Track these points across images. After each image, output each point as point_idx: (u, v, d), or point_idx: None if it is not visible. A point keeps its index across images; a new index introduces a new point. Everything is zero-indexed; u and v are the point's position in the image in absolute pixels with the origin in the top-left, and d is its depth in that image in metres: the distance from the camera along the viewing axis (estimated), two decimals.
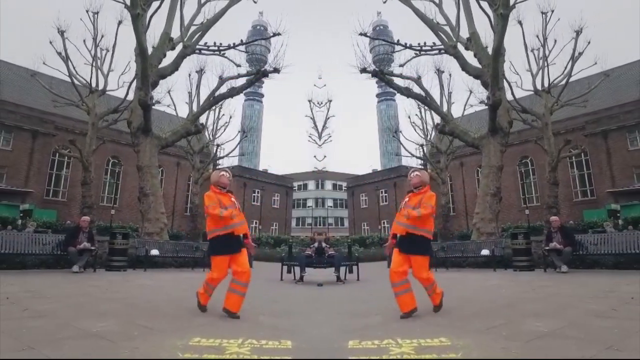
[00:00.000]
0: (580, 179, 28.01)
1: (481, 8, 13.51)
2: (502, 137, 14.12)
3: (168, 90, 20.16)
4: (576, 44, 15.85)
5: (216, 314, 3.63)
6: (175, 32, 15.25)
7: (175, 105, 21.55)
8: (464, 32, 15.15)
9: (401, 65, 17.12)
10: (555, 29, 16.24)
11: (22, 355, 2.22)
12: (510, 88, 15.99)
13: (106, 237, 10.78)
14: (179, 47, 15.26)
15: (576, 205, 26.90)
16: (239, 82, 16.98)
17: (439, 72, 19.67)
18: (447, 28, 15.65)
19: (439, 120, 18.65)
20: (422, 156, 28.06)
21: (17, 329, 2.84)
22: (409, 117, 26.50)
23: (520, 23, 15.72)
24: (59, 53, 15.37)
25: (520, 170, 30.09)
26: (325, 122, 19.67)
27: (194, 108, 18.88)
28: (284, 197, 44.17)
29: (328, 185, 55.22)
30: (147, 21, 13.11)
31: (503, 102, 13.61)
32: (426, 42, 15.87)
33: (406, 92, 16.60)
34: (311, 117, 19.52)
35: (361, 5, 25.46)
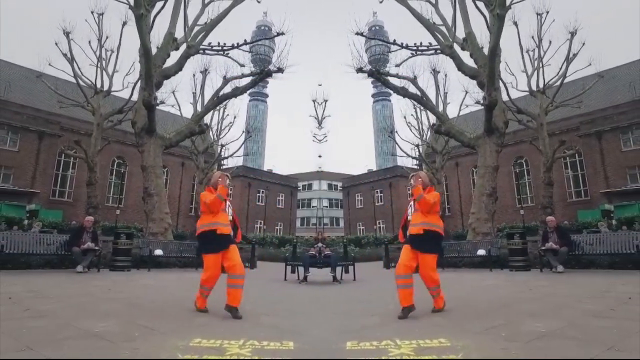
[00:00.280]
0: (575, 180, 27.98)
1: (477, 8, 13.43)
2: (497, 137, 14.02)
3: (172, 91, 20.05)
4: (571, 45, 15.85)
5: (218, 314, 3.57)
6: (179, 33, 15.14)
7: (179, 106, 21.37)
8: (460, 32, 15.06)
9: (397, 65, 17.02)
10: (550, 30, 16.34)
11: (21, 356, 2.17)
12: (506, 88, 15.95)
13: (111, 237, 10.69)
14: (183, 47, 15.12)
15: (570, 206, 26.86)
16: (243, 82, 16.79)
17: (435, 72, 19.58)
18: (443, 28, 15.50)
19: (434, 121, 18.52)
20: (418, 156, 27.82)
21: (17, 329, 2.78)
22: (404, 117, 26.32)
23: (515, 24, 15.65)
24: (64, 54, 15.30)
25: (515, 170, 30.05)
26: (321, 122, 19.56)
27: (198, 108, 18.71)
28: (289, 197, 43.83)
29: (324, 185, 54.92)
30: (151, 21, 13.00)
31: (499, 102, 13.52)
32: (422, 42, 15.75)
33: (402, 92, 16.44)
34: (315, 117, 19.40)
35: (361, 5, 25.16)
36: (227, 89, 16.77)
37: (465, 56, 15.04)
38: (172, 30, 14.89)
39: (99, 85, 15.84)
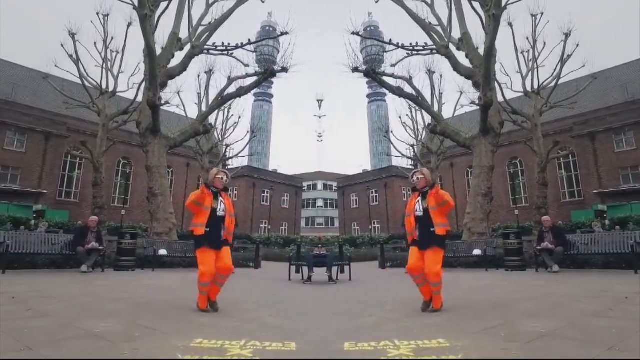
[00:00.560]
0: (568, 180, 27.91)
1: (473, 9, 13.26)
2: (493, 138, 13.91)
3: (177, 92, 19.78)
4: (565, 46, 15.67)
5: (221, 314, 3.51)
6: (184, 33, 14.94)
7: (184, 106, 21.11)
8: (456, 32, 14.89)
9: (393, 65, 16.73)
10: (545, 31, 16.10)
11: (20, 356, 2.12)
12: (501, 89, 15.74)
13: (116, 237, 10.56)
14: (187, 47, 14.92)
15: (564, 206, 26.78)
16: (247, 82, 16.54)
17: (430, 72, 19.31)
18: (439, 28, 15.31)
19: (429, 121, 18.30)
20: (413, 156, 27.44)
21: (18, 329, 2.72)
22: (399, 117, 25.84)
23: (510, 25, 15.43)
24: (70, 55, 15.11)
25: (510, 171, 29.94)
26: (320, 122, 19.45)
27: (203, 108, 18.48)
28: (294, 197, 43.23)
29: (319, 185, 54.42)
30: (155, 22, 12.82)
31: (494, 102, 13.39)
32: (417, 43, 15.52)
33: (398, 92, 16.23)
34: (319, 117, 19.25)
35: (358, 4, 24.76)
36: (232, 88, 16.56)
37: (460, 56, 14.91)
38: (177, 30, 14.71)
39: (104, 86, 15.67)
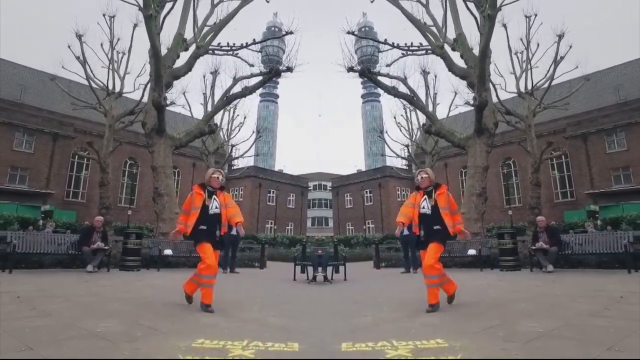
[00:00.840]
0: (561, 181, 27.86)
1: (468, 9, 13.14)
2: (487, 138, 13.78)
3: (183, 92, 19.59)
4: (558, 47, 15.60)
5: (224, 315, 3.45)
6: (189, 33, 14.76)
7: (190, 107, 20.96)
8: (451, 33, 14.71)
9: (388, 65, 16.50)
10: (539, 32, 16.02)
11: (20, 356, 2.07)
12: (495, 90, 15.65)
13: (121, 237, 10.44)
14: (192, 47, 14.73)
15: (557, 206, 26.71)
16: (252, 82, 16.24)
17: (425, 73, 19.13)
18: (434, 29, 15.12)
19: (424, 121, 18.08)
20: (407, 156, 27.23)
21: (20, 328, 2.67)
22: (394, 118, 25.68)
23: (504, 26, 15.34)
24: (77, 57, 15.00)
25: (503, 171, 29.83)
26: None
27: (208, 109, 18.28)
28: (299, 197, 42.36)
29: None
30: (160, 22, 12.69)
31: (489, 103, 13.27)
32: (412, 43, 15.35)
33: (393, 92, 15.98)
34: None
35: (353, 4, 24.49)
36: (237, 88, 16.35)
37: (455, 57, 14.73)
38: (182, 30, 14.52)
39: (110, 87, 15.59)
